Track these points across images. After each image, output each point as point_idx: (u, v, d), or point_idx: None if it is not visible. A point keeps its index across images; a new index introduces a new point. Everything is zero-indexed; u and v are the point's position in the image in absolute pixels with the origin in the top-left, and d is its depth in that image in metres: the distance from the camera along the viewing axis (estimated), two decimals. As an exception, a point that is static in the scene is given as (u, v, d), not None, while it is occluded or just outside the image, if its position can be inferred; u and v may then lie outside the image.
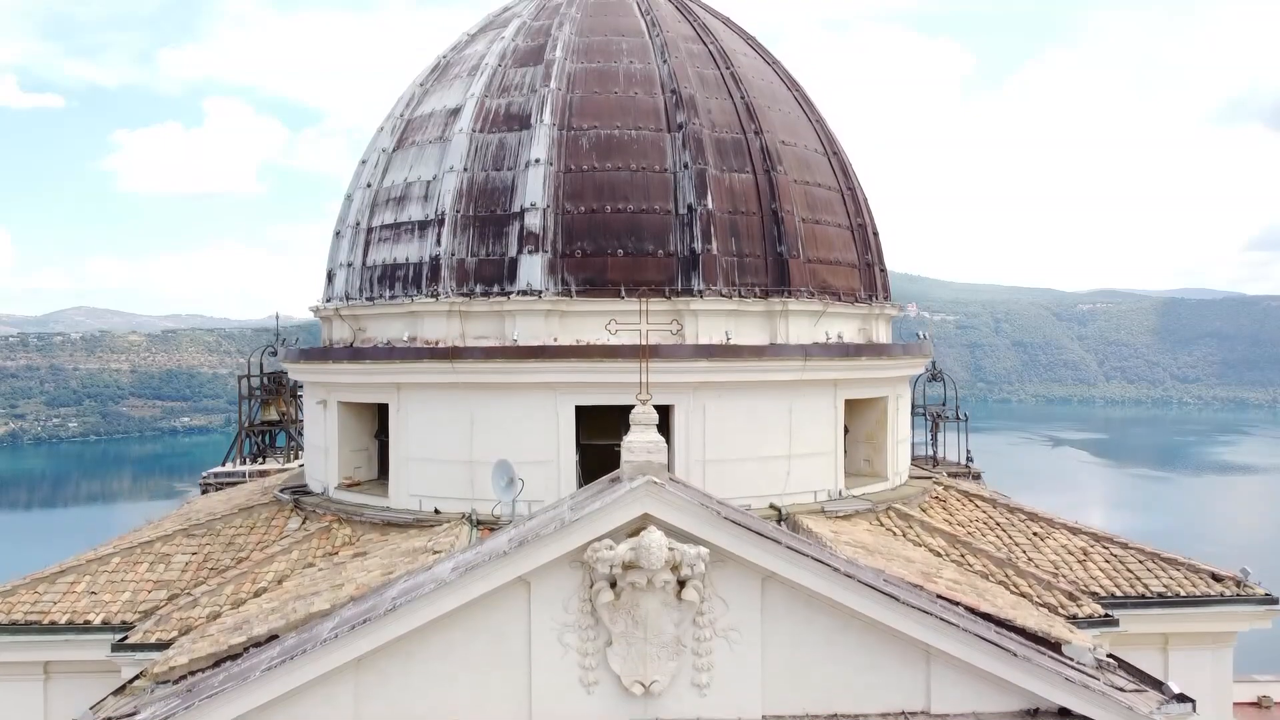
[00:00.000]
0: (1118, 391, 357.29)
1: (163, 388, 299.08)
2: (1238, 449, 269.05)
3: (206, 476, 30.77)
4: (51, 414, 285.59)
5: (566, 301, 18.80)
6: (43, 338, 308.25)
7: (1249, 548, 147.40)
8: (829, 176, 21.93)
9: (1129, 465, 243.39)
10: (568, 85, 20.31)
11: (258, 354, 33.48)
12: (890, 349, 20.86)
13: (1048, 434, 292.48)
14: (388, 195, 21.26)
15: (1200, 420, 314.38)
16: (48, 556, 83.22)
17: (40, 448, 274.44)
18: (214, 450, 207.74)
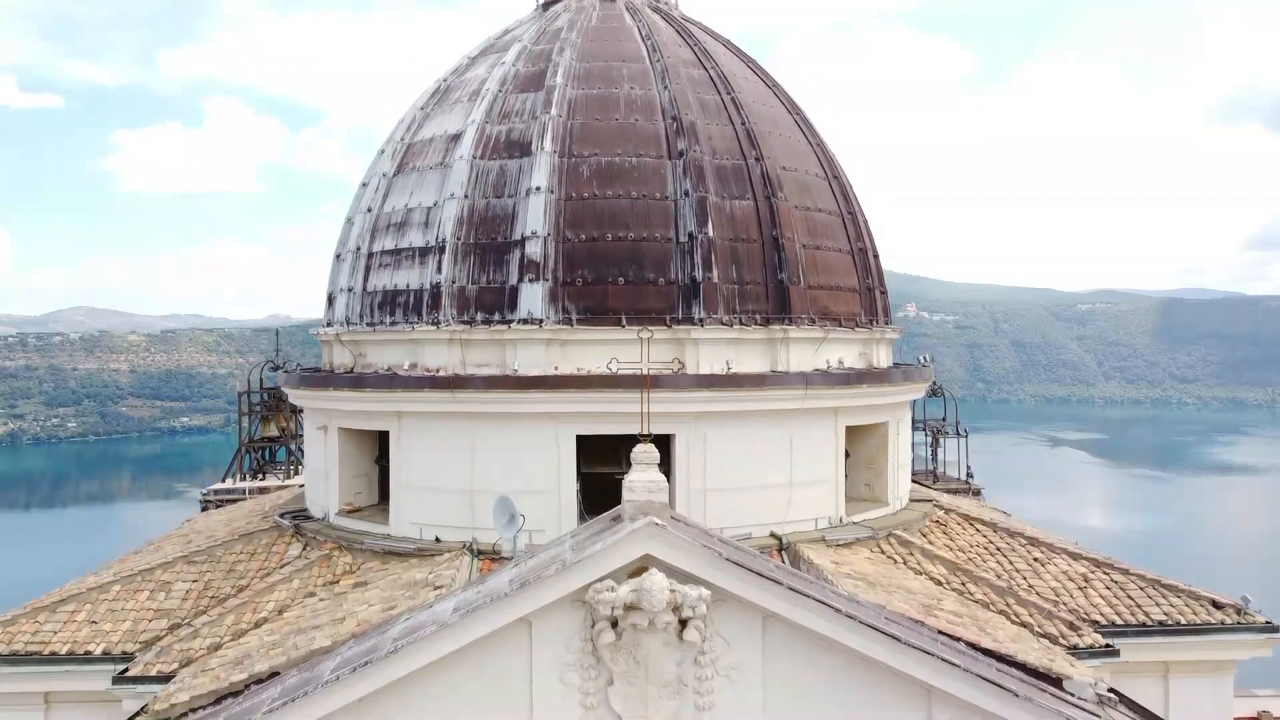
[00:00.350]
0: (1117, 392, 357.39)
1: (162, 388, 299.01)
2: (1237, 449, 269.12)
3: (207, 493, 30.78)
4: (50, 414, 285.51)
5: (567, 330, 18.80)
6: (42, 338, 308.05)
7: (1248, 548, 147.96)
8: (829, 201, 21.93)
9: (1128, 466, 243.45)
10: (568, 111, 20.31)
11: (257, 369, 33.41)
12: (891, 375, 20.85)
13: (1047, 434, 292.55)
14: (388, 221, 21.25)
15: (1199, 420, 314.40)
16: (47, 557, 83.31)
17: (39, 448, 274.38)
18: (213, 451, 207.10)
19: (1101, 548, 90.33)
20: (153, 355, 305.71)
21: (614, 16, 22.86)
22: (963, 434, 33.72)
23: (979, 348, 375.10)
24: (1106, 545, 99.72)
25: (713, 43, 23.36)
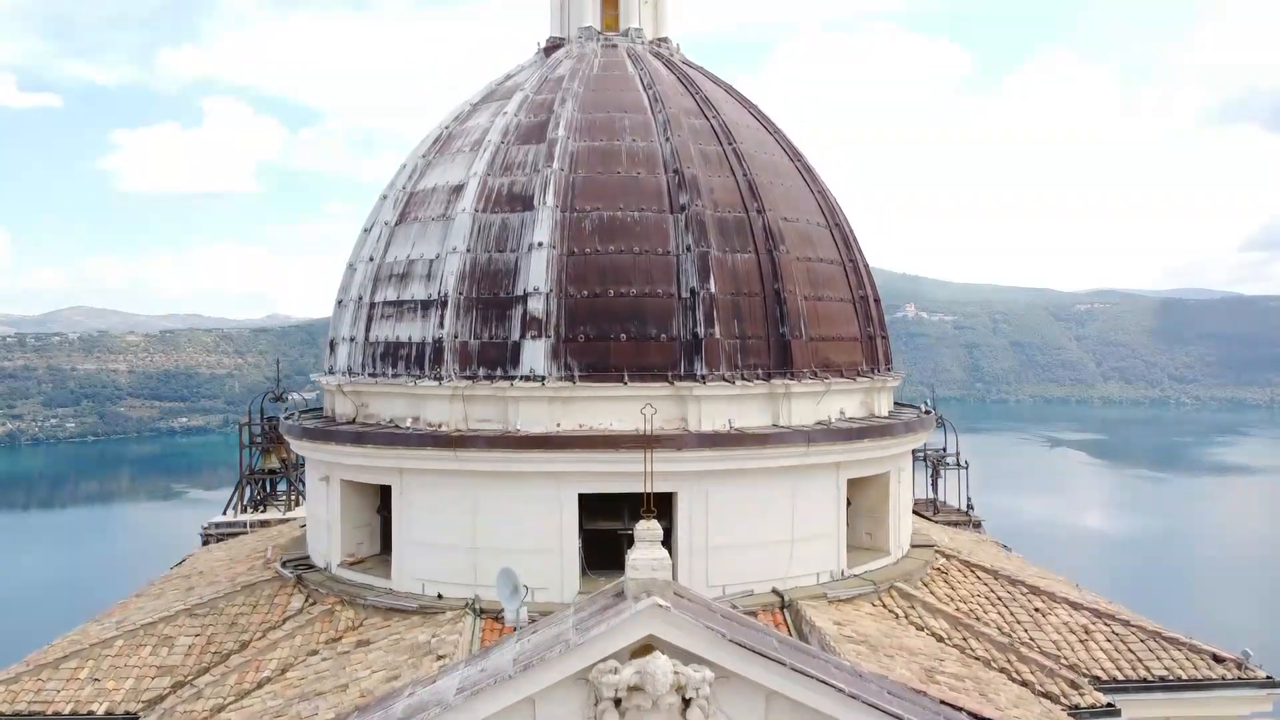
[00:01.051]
0: (1115, 392, 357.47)
1: (161, 388, 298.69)
2: (1235, 450, 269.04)
3: (208, 527, 30.80)
4: (49, 414, 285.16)
5: (569, 388, 18.82)
6: (40, 338, 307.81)
7: (1247, 549, 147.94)
8: (831, 250, 21.94)
9: (1126, 466, 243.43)
10: (570, 165, 20.31)
11: (258, 400, 33.40)
12: (893, 428, 20.85)
13: (1045, 434, 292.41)
14: (390, 271, 21.25)
15: (1198, 420, 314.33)
16: (47, 558, 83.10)
17: (38, 448, 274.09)
18: (212, 451, 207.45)
19: (1101, 548, 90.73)
20: (151, 355, 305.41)
21: (616, 64, 22.85)
22: (963, 465, 33.68)
23: (977, 348, 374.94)
24: (1106, 546, 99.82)
25: (714, 89, 23.36)
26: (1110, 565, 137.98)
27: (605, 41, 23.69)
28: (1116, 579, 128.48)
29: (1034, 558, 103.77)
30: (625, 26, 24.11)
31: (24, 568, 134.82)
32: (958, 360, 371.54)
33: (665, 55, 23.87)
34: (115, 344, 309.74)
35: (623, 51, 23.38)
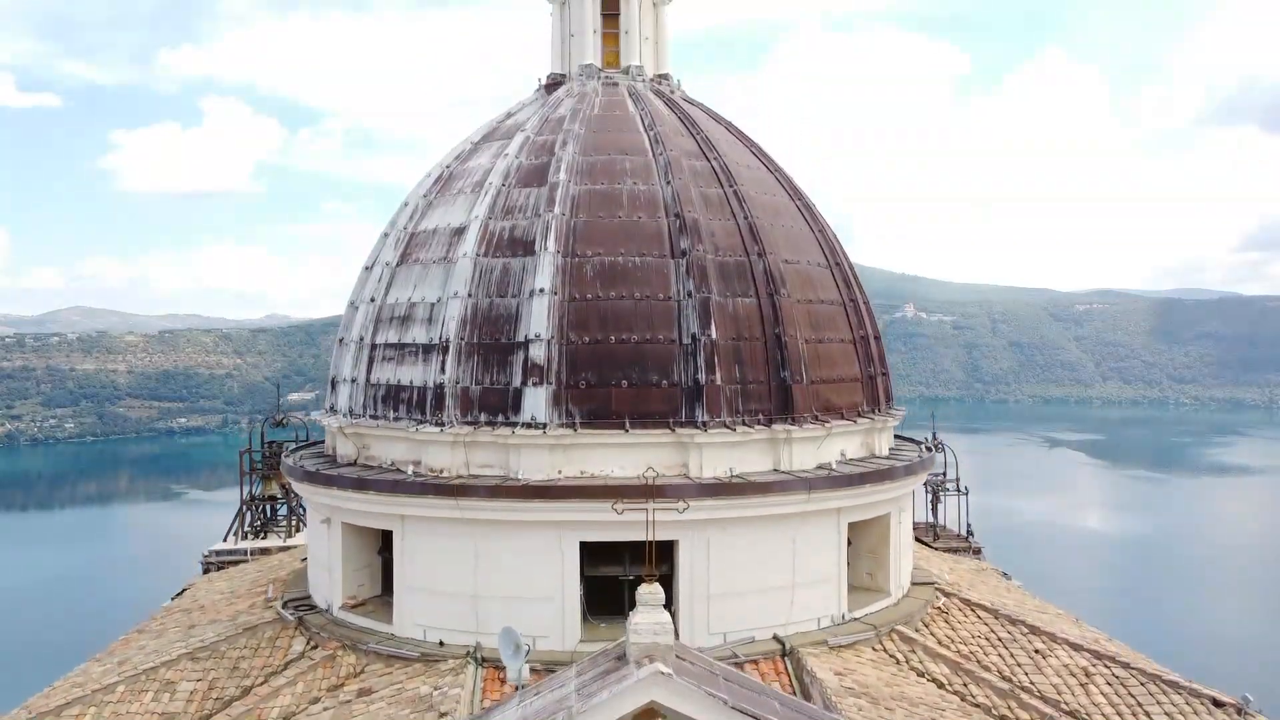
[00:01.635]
0: (1114, 392, 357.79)
1: (160, 388, 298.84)
2: (1234, 450, 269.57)
3: (208, 555, 30.78)
4: (48, 415, 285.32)
5: (571, 435, 18.85)
6: (39, 338, 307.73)
7: (1246, 551, 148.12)
8: (832, 290, 21.97)
9: (1125, 467, 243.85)
10: (571, 209, 20.32)
11: (258, 424, 33.42)
12: (894, 472, 20.86)
13: (1044, 435, 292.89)
14: (391, 313, 21.28)
15: (1197, 421, 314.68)
16: (45, 559, 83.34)
17: (37, 449, 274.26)
18: (211, 452, 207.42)
19: (1100, 550, 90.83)
20: (150, 356, 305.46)
21: (617, 103, 22.85)
22: (963, 491, 33.71)
23: (976, 348, 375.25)
24: (1105, 548, 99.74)
25: (715, 127, 23.37)
26: (1110, 566, 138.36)
27: (606, 80, 23.68)
28: (1116, 580, 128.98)
29: (1033, 558, 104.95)
30: (626, 64, 24.10)
31: (22, 570, 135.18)
32: (957, 360, 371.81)
33: (666, 93, 23.86)
34: (114, 344, 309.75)
35: (624, 90, 23.38)
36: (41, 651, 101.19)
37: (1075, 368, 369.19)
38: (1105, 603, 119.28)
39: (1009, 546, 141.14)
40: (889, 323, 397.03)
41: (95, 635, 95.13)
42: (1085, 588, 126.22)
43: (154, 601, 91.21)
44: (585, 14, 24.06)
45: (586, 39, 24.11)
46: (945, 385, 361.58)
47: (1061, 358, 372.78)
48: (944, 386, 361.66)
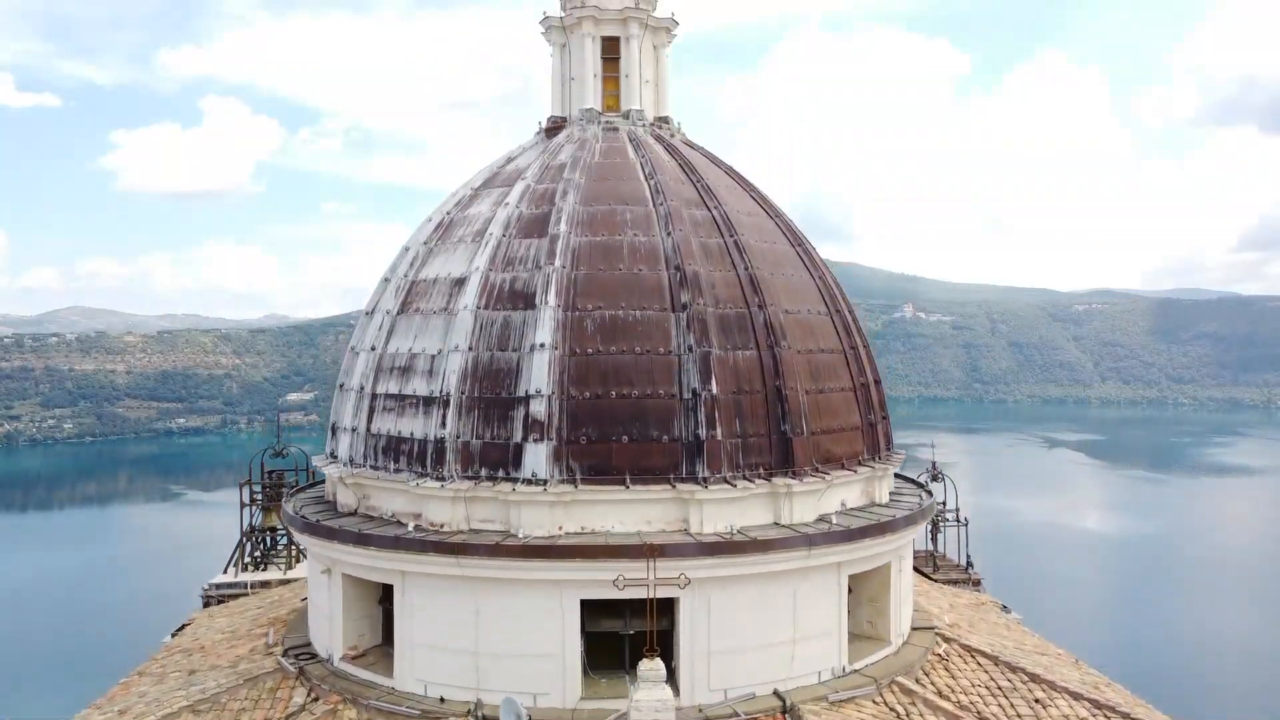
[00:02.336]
0: (1113, 392, 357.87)
1: (158, 389, 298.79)
2: (1233, 450, 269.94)
3: (208, 588, 30.80)
4: (47, 415, 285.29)
5: (571, 492, 18.86)
6: (38, 338, 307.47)
7: (1245, 552, 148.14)
8: (832, 339, 21.99)
9: (1124, 467, 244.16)
10: (572, 262, 20.33)
11: (258, 456, 33.43)
12: (894, 524, 20.85)
13: (1043, 435, 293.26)
14: (392, 363, 21.28)
15: (1195, 421, 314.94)
16: (45, 560, 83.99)
17: (35, 449, 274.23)
18: (210, 452, 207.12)
19: (1099, 551, 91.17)
20: (149, 356, 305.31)
21: (617, 149, 22.85)
22: (963, 523, 33.74)
23: (976, 348, 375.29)
24: (1103, 549, 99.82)
25: (715, 173, 23.37)
26: (1109, 568, 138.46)
27: (606, 125, 23.67)
28: (1115, 582, 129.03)
29: (1033, 559, 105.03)
30: (626, 108, 24.09)
31: (21, 571, 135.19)
32: (956, 360, 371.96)
33: (666, 138, 23.85)
34: (113, 344, 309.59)
35: (624, 135, 23.37)
36: (42, 652, 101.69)
37: (1074, 368, 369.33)
38: (1105, 604, 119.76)
39: (1009, 548, 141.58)
40: (888, 323, 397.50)
41: (95, 635, 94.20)
42: (1085, 589, 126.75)
43: (155, 598, 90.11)
44: (585, 57, 24.04)
45: (587, 82, 24.08)
46: (944, 385, 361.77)
47: (1060, 358, 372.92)
48: (943, 387, 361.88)
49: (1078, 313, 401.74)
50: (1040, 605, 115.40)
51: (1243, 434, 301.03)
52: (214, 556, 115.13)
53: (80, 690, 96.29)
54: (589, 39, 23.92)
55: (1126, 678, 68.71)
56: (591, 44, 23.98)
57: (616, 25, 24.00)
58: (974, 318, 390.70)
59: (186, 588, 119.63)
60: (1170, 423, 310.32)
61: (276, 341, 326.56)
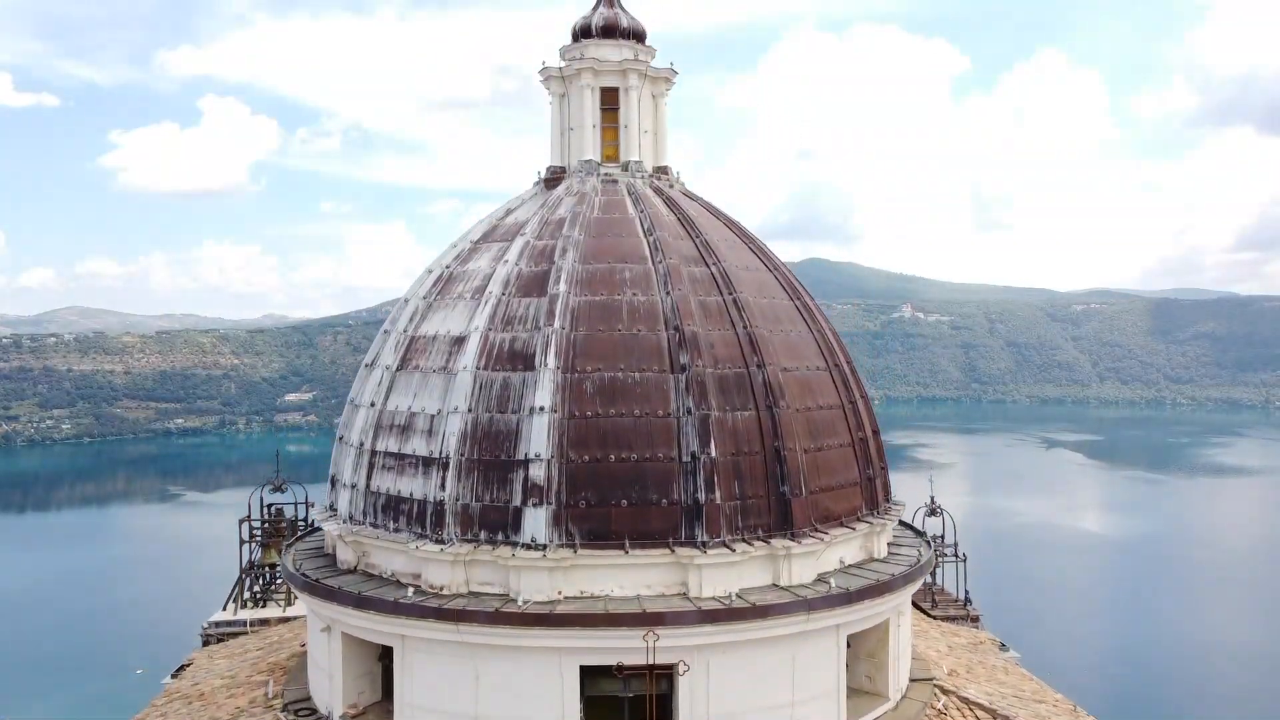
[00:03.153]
0: (1112, 392, 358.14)
1: (157, 389, 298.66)
2: (1231, 450, 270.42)
3: (207, 627, 30.83)
4: (45, 416, 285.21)
5: (571, 556, 18.91)
6: (36, 339, 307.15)
7: (1241, 553, 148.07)
8: (831, 394, 22.02)
9: (1122, 468, 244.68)
10: (571, 322, 20.35)
11: (257, 492, 33.46)
12: (893, 583, 20.87)
13: (1042, 435, 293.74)
14: (391, 420, 21.31)
15: (1194, 421, 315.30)
16: (43, 560, 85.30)
17: (33, 450, 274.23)
18: (208, 453, 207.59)
19: (1097, 552, 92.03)
20: (148, 356, 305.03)
21: (616, 204, 22.85)
22: (961, 558, 33.79)
23: (974, 348, 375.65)
24: (1102, 550, 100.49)
25: (714, 225, 23.37)
26: (1107, 569, 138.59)
27: (605, 177, 23.66)
28: (1114, 584, 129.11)
29: (1031, 559, 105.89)
30: (625, 159, 24.08)
31: (20, 572, 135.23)
32: (954, 360, 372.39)
33: (665, 191, 23.83)
34: (111, 345, 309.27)
35: (623, 188, 23.36)
36: (43, 653, 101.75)
37: (1072, 368, 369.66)
38: (1104, 606, 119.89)
39: (1007, 549, 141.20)
40: (887, 323, 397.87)
41: (95, 636, 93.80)
42: (1084, 591, 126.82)
43: (155, 599, 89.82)
44: (584, 108, 24.03)
45: (585, 133, 24.06)
46: (943, 385, 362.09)
47: (1059, 358, 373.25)
48: (941, 387, 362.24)
49: (1076, 313, 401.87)
50: (1041, 606, 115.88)
51: (1241, 434, 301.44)
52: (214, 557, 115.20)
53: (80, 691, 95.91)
54: (588, 90, 23.91)
55: (1126, 680, 68.29)
56: (590, 95, 23.97)
57: (615, 76, 23.99)
58: (972, 318, 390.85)
59: (187, 589, 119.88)
60: (1168, 423, 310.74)
61: (275, 341, 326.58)
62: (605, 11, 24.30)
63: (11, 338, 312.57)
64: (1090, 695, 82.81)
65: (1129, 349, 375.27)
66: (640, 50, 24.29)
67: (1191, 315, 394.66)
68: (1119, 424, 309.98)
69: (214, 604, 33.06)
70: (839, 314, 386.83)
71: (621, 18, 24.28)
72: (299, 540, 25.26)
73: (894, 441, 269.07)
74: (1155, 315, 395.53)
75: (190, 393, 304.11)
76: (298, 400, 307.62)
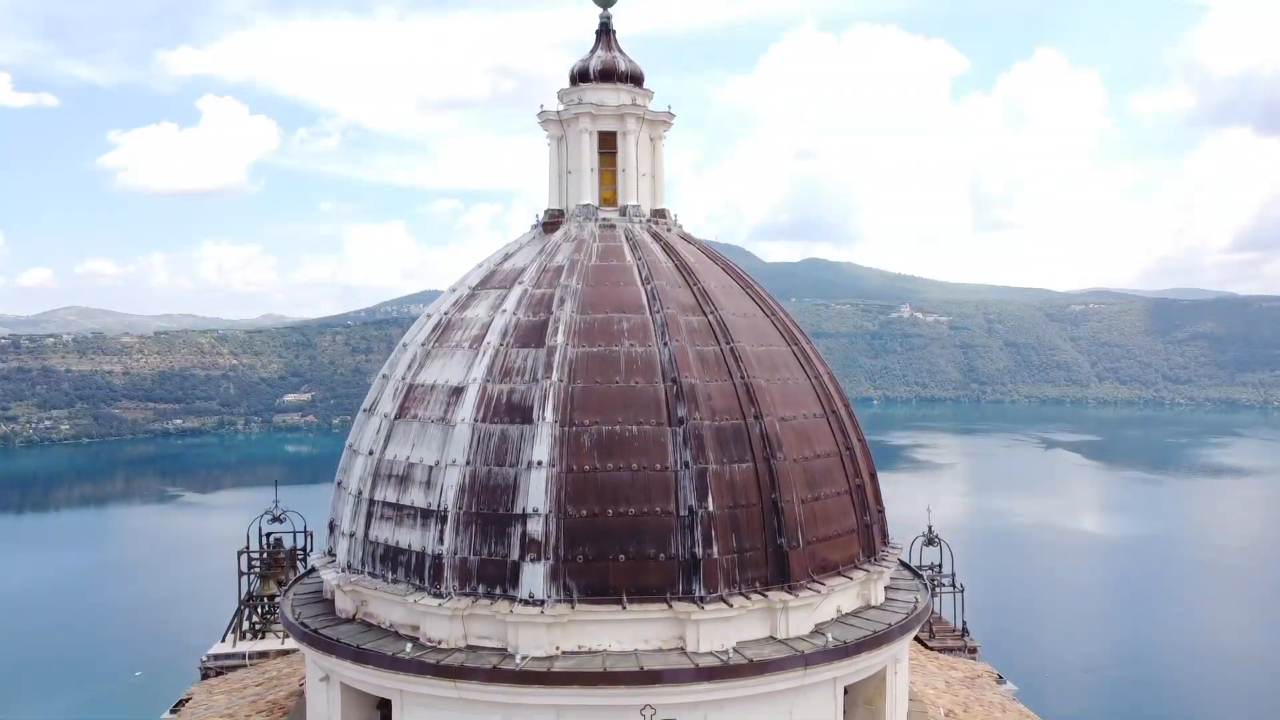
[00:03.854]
0: (1110, 392, 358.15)
1: (155, 389, 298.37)
2: (1229, 451, 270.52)
3: (206, 660, 30.85)
4: (43, 416, 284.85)
5: (569, 612, 18.96)
6: (34, 339, 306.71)
7: (1240, 555, 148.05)
8: (828, 441, 22.06)
9: (1121, 468, 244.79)
10: (569, 375, 20.37)
11: (255, 522, 33.50)
12: (890, 634, 20.92)
13: (1040, 435, 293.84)
14: (390, 470, 21.34)
15: (1192, 421, 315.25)
16: (43, 561, 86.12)
17: (32, 450, 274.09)
18: (206, 454, 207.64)
19: (1095, 553, 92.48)
20: (146, 357, 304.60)
21: (614, 251, 22.84)
22: (959, 589, 33.84)
23: (972, 348, 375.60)
24: (1100, 551, 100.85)
25: (711, 270, 23.39)
26: (1106, 571, 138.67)
27: (604, 222, 23.66)
28: (1112, 590, 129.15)
29: (1032, 561, 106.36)
30: (623, 203, 24.07)
31: (20, 573, 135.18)
32: (953, 361, 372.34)
33: (663, 236, 23.83)
34: (110, 345, 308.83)
35: (621, 234, 23.36)
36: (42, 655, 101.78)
37: (1071, 368, 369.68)
38: (1102, 614, 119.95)
39: (1006, 550, 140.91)
40: (885, 323, 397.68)
41: (94, 638, 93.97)
42: (1083, 597, 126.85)
43: (153, 602, 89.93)
44: (582, 152, 24.02)
45: (584, 176, 24.06)
46: (941, 386, 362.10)
47: (1057, 358, 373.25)
48: (940, 387, 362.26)
49: (1074, 313, 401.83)
50: (1040, 608, 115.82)
51: (1239, 434, 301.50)
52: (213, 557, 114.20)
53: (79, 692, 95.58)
54: (586, 134, 23.92)
55: (1125, 682, 67.59)
56: (589, 139, 23.97)
57: (613, 120, 23.99)
58: (971, 318, 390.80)
59: (186, 591, 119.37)
60: (1167, 423, 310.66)
61: (274, 342, 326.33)
62: (603, 55, 24.31)
63: (10, 338, 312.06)
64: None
65: (1127, 349, 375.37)
66: (638, 94, 24.31)
67: (1190, 315, 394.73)
68: (1117, 424, 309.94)
69: (215, 602, 32.99)
70: (837, 314, 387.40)
71: (620, 61, 24.29)
72: (298, 582, 25.26)
73: (893, 442, 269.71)
74: (1154, 315, 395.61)
75: (189, 393, 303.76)
76: (296, 401, 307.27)
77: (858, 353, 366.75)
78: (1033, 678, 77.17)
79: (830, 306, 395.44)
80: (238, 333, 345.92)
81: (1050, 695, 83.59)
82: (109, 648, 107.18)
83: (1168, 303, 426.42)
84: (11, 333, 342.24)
